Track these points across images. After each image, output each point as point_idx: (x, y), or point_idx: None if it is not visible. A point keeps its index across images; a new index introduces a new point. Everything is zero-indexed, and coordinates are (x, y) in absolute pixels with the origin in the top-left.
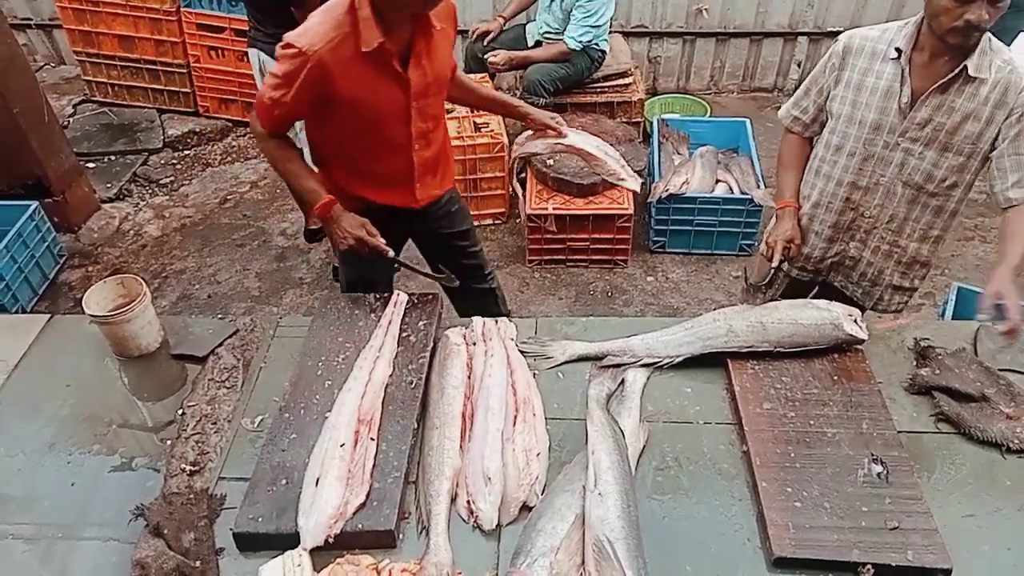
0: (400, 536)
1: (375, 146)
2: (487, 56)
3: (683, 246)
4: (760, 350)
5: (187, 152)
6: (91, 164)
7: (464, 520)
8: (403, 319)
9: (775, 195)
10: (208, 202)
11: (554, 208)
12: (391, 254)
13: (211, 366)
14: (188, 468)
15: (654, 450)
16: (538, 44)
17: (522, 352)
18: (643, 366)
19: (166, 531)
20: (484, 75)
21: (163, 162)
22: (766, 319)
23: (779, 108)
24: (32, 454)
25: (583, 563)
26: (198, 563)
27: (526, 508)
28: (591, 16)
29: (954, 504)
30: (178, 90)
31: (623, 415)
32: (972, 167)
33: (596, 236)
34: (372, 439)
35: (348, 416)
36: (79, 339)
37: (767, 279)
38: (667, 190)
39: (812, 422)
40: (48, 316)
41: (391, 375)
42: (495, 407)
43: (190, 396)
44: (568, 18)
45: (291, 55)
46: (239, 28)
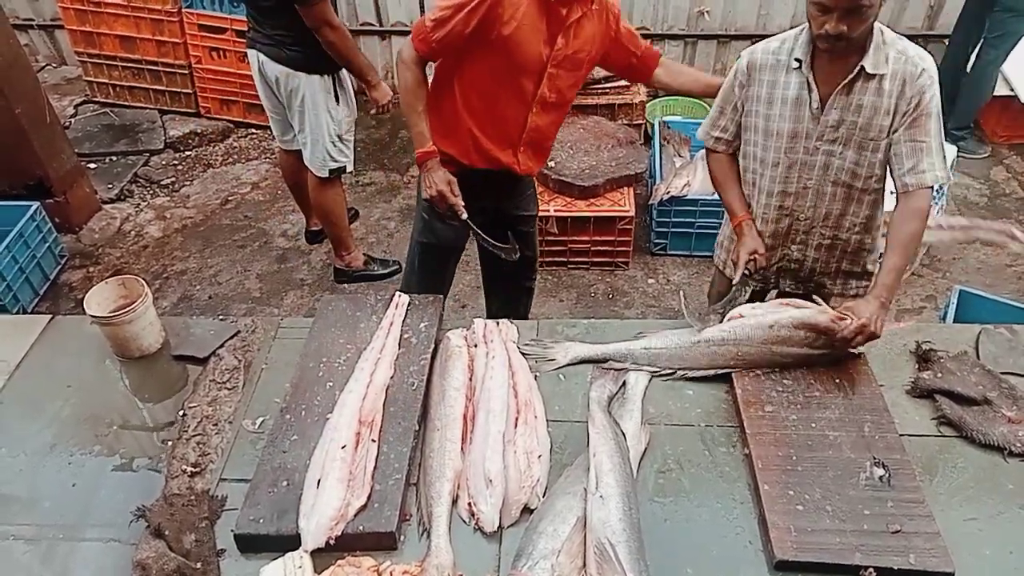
0: (401, 538)
1: (503, 95)
2: None
3: (684, 248)
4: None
5: (188, 153)
6: (92, 165)
7: (465, 522)
8: (404, 321)
9: (728, 212)
10: (209, 203)
11: (555, 210)
12: (464, 216)
13: (212, 367)
14: (189, 469)
15: (656, 452)
16: None
17: (524, 354)
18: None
19: (167, 532)
20: None
21: (164, 163)
22: (776, 348)
23: None
24: (33, 455)
25: (584, 566)
26: (199, 564)
27: (527, 510)
28: None
29: (956, 507)
30: (179, 91)
31: (625, 417)
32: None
33: (597, 238)
34: (373, 441)
35: (349, 418)
36: (80, 340)
37: (729, 294)
38: (668, 192)
39: (814, 425)
40: (49, 317)
41: (392, 377)
42: (496, 409)
43: (191, 397)
44: None
45: None
46: (240, 29)
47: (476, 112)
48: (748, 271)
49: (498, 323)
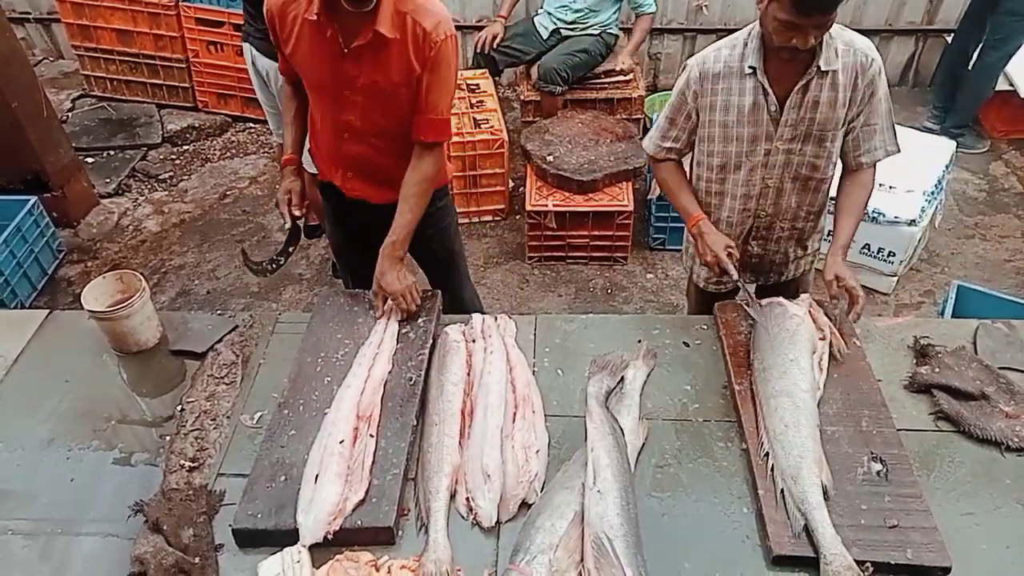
0: (399, 533)
1: (319, 115)
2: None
3: (683, 243)
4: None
5: (186, 147)
6: (90, 159)
7: (463, 517)
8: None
9: (683, 216)
10: (207, 197)
11: (554, 204)
12: (287, 224)
13: (210, 362)
14: (187, 464)
15: (653, 447)
16: (555, 34)
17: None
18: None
19: (165, 527)
20: (484, 71)
21: (162, 157)
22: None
23: None
24: (31, 450)
25: (582, 560)
26: (197, 559)
27: (525, 505)
28: None
29: (953, 502)
30: (177, 85)
31: (622, 412)
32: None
33: (596, 233)
34: (371, 435)
35: (347, 412)
36: (78, 335)
37: (740, 293)
38: None
39: None
40: (47, 311)
41: (390, 372)
42: (494, 404)
43: (189, 392)
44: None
45: None
46: (238, 23)
47: (313, 129)
48: (735, 265)
49: (496, 318)
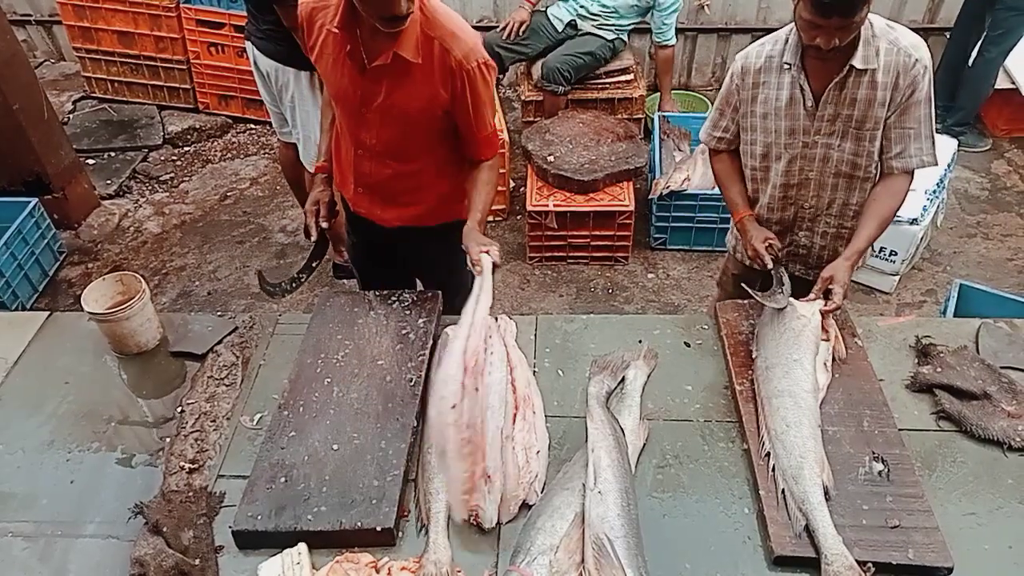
0: (399, 534)
1: (342, 124)
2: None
3: (684, 243)
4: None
5: (187, 148)
6: (91, 161)
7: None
8: (403, 316)
9: (730, 208)
10: (208, 199)
11: (555, 205)
12: (313, 236)
13: (210, 363)
14: (187, 466)
15: (654, 448)
16: (570, 25)
17: None
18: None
19: (165, 529)
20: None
21: (163, 159)
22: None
23: None
24: (31, 451)
25: (583, 561)
26: (197, 561)
27: (526, 506)
28: (668, 10)
29: (955, 502)
30: (178, 86)
31: (623, 413)
32: None
33: (597, 233)
34: (476, 390)
35: (456, 369)
36: (78, 336)
37: (774, 284)
38: (668, 187)
39: None
40: (48, 313)
41: (390, 372)
42: (495, 405)
43: (189, 394)
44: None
45: None
46: (238, 24)
47: (336, 136)
48: (774, 256)
49: (496, 318)
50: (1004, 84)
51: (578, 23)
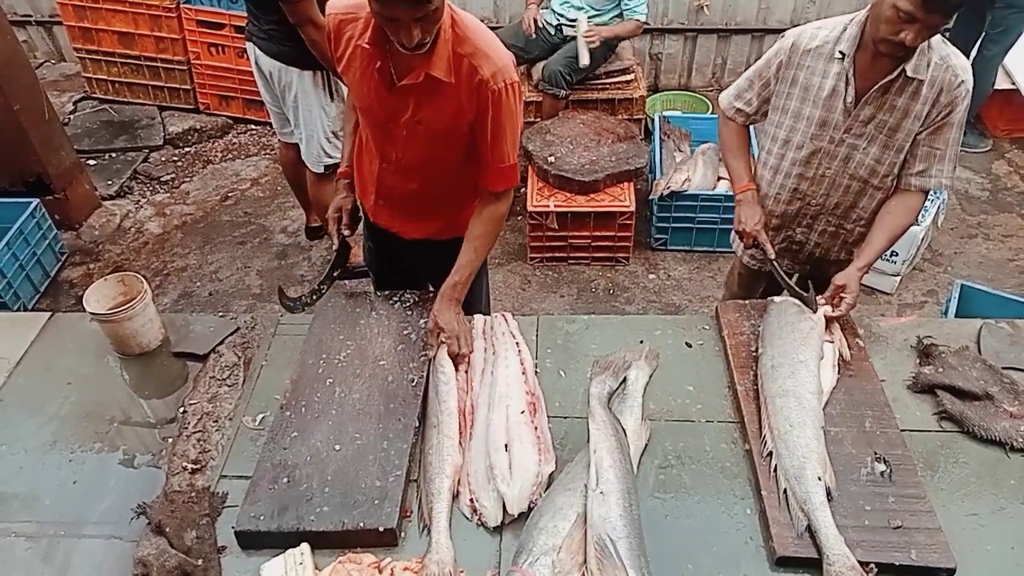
0: (402, 535)
1: (364, 129)
2: (585, 34)
3: (685, 243)
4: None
5: (188, 149)
6: (92, 161)
7: (468, 518)
8: (405, 316)
9: (732, 179)
10: (209, 199)
11: (556, 205)
12: (335, 245)
13: (212, 364)
14: (189, 466)
15: (656, 448)
16: (559, 31)
17: None
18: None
19: (168, 529)
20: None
21: (164, 159)
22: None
23: None
24: (33, 452)
25: (585, 562)
26: (200, 561)
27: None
28: None
29: (957, 503)
30: (179, 87)
31: (625, 413)
32: None
33: (598, 233)
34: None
35: (517, 386)
36: (80, 337)
37: (784, 279)
38: (669, 187)
39: None
40: (49, 314)
41: (392, 373)
42: (497, 404)
43: (191, 394)
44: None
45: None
46: (239, 25)
47: (359, 145)
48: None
49: (504, 317)
50: (1004, 84)
51: (564, 28)
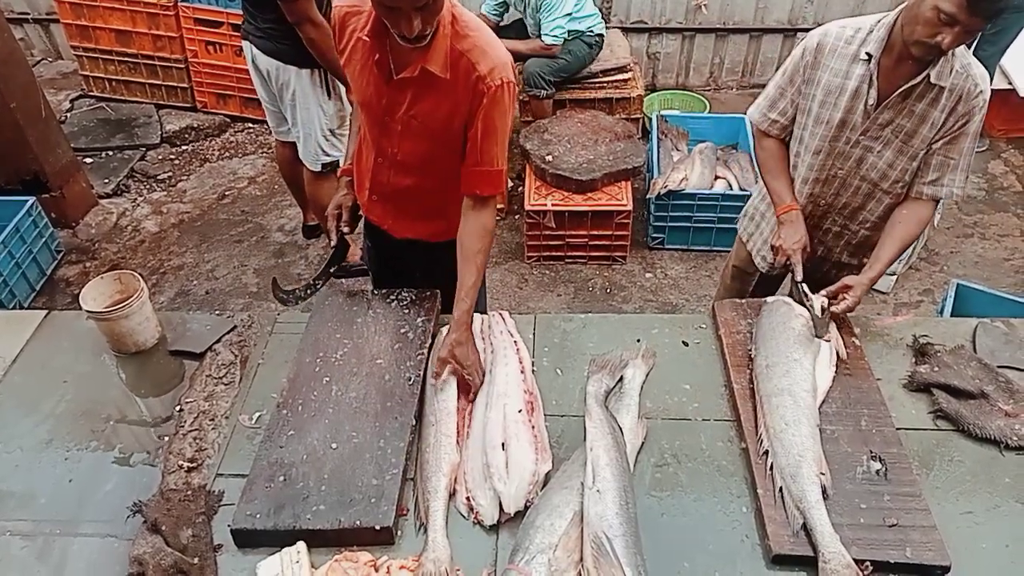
0: (398, 533)
1: (363, 123)
2: None
3: (682, 242)
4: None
5: (185, 148)
6: (88, 159)
7: (464, 516)
8: (401, 315)
9: (774, 201)
10: (206, 198)
11: (553, 204)
12: (332, 243)
13: (209, 362)
14: (186, 464)
15: (653, 447)
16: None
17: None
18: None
19: (164, 527)
20: None
21: (161, 158)
22: (793, 387)
23: None
24: (29, 450)
25: (581, 560)
26: (196, 559)
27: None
28: (553, 10)
29: (953, 501)
30: (176, 85)
31: (622, 412)
32: None
33: (595, 232)
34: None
35: (516, 386)
36: (76, 335)
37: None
38: (666, 186)
39: None
40: (45, 312)
41: (389, 371)
42: (495, 403)
43: (188, 392)
44: (537, 12)
45: None
46: (236, 23)
47: (360, 140)
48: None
49: (501, 315)
50: (1001, 84)
51: (529, 31)
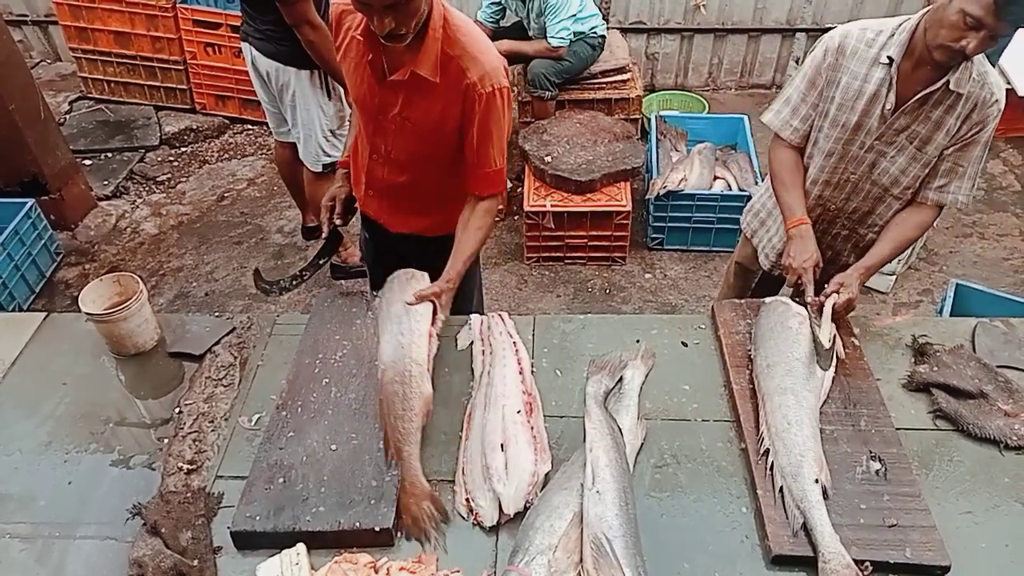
0: (398, 534)
1: (359, 120)
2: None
3: (681, 243)
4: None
5: (184, 149)
6: (88, 161)
7: (464, 518)
8: None
9: (784, 213)
10: (205, 199)
11: (552, 205)
12: (323, 234)
13: (208, 364)
14: (185, 466)
15: (652, 447)
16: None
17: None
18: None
19: (163, 530)
20: None
21: (160, 159)
22: (795, 388)
23: None
24: (29, 452)
25: (581, 561)
26: (195, 562)
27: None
28: (559, 12)
29: (952, 501)
30: (175, 87)
31: (621, 412)
32: None
33: (594, 233)
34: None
35: (514, 386)
36: (76, 337)
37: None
38: (665, 187)
39: None
40: (45, 314)
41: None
42: (494, 404)
43: (187, 394)
44: (541, 15)
45: None
46: (235, 24)
47: (356, 136)
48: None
49: (501, 316)
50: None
51: (531, 34)
